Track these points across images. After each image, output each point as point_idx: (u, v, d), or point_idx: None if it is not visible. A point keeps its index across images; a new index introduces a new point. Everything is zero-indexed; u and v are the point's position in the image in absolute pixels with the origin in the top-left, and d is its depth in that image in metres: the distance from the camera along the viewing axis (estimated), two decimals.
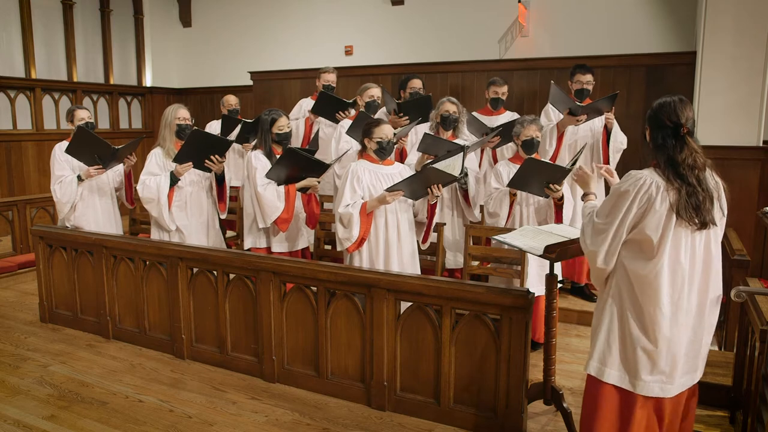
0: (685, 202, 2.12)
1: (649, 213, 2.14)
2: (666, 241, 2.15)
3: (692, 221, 2.13)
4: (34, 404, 3.39)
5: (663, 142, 2.18)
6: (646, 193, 2.14)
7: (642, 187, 2.14)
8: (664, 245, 2.15)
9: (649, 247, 2.17)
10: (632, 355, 2.23)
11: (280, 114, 4.11)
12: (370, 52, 7.93)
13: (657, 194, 2.13)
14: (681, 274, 2.17)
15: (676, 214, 2.12)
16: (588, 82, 4.82)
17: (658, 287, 2.16)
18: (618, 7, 6.44)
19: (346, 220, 3.59)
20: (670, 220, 2.13)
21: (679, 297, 2.18)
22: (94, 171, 4.46)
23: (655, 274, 2.16)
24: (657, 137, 2.20)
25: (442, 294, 3.06)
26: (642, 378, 2.22)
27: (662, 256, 2.15)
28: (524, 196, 3.96)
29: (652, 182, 2.14)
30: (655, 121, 2.22)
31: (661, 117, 2.19)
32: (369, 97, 4.91)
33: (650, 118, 2.25)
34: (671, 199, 2.12)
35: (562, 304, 4.51)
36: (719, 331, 4.20)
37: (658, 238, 2.15)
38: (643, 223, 2.15)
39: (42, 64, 8.21)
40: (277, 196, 3.95)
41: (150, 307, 4.17)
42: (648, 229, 2.15)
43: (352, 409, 3.32)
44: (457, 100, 4.37)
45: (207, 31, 9.48)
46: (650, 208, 2.13)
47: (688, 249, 2.17)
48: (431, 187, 3.58)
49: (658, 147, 2.19)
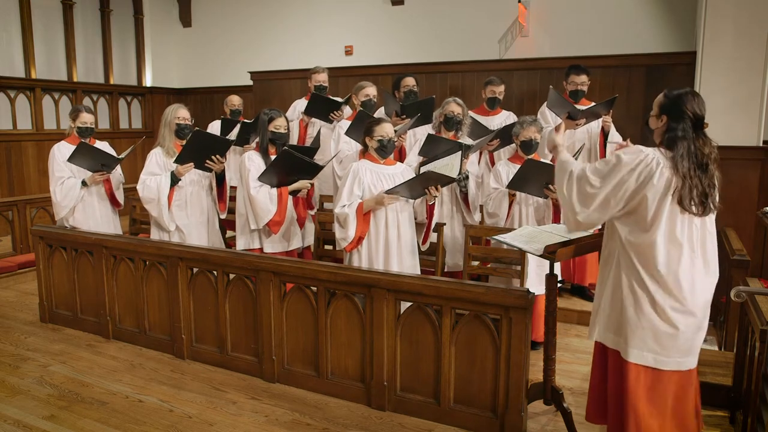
0: (694, 190, 2.16)
1: (647, 186, 2.18)
2: (661, 215, 2.20)
3: (695, 211, 2.18)
4: (34, 404, 3.39)
5: (684, 133, 2.20)
6: (647, 167, 2.18)
7: (644, 160, 2.18)
8: (659, 219, 2.20)
9: (643, 219, 2.23)
10: (628, 322, 2.29)
11: (279, 114, 4.12)
12: (370, 52, 7.93)
13: (656, 169, 2.17)
14: (677, 246, 2.21)
15: (678, 203, 2.17)
16: (583, 83, 4.82)
17: (654, 257, 2.21)
18: (618, 7, 6.44)
19: (342, 220, 3.60)
20: (665, 198, 2.18)
21: (677, 270, 2.21)
22: (99, 177, 4.50)
23: (650, 244, 2.22)
24: (676, 128, 2.21)
25: (442, 294, 3.06)
26: (635, 347, 2.27)
27: (657, 229, 2.20)
28: (523, 197, 3.96)
29: (654, 158, 2.18)
30: (676, 112, 2.22)
31: (683, 108, 2.21)
32: (364, 96, 4.85)
33: (669, 107, 2.25)
34: (671, 179, 2.17)
35: (562, 304, 4.50)
36: (719, 331, 4.20)
37: (653, 212, 2.20)
38: (639, 196, 2.20)
39: (42, 64, 8.21)
40: (269, 198, 3.96)
41: (150, 307, 4.17)
42: (644, 202, 2.20)
43: (352, 409, 3.32)
44: (462, 102, 4.36)
45: (207, 31, 9.48)
46: (648, 182, 2.18)
47: (685, 227, 2.22)
48: (429, 188, 3.58)
49: (677, 138, 2.20)
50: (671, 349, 2.25)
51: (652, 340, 2.26)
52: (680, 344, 2.25)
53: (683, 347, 2.26)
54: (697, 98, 2.22)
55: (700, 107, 2.22)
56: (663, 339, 2.25)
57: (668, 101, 2.26)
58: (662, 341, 2.25)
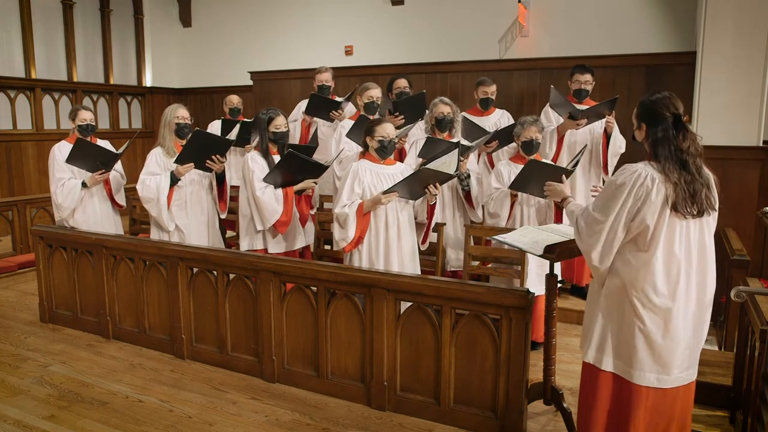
0: (683, 192, 2.14)
1: (645, 205, 2.17)
2: (660, 232, 2.18)
3: (689, 212, 2.16)
4: (34, 404, 3.39)
5: (664, 134, 2.20)
6: (642, 186, 2.17)
7: (638, 179, 2.18)
8: (658, 236, 2.18)
9: (643, 239, 2.21)
10: (629, 345, 2.26)
11: (278, 113, 4.11)
12: (370, 52, 7.93)
13: (653, 186, 2.16)
14: (676, 264, 2.20)
15: (672, 208, 2.15)
16: (587, 82, 4.82)
17: (653, 276, 2.20)
18: (618, 8, 6.44)
19: (342, 220, 3.60)
20: (664, 212, 2.17)
21: (675, 288, 2.20)
22: (99, 177, 4.49)
23: (648, 264, 2.20)
24: (656, 131, 2.22)
25: (442, 294, 3.06)
26: (638, 368, 2.25)
27: (656, 247, 2.19)
28: (525, 197, 3.96)
29: (647, 175, 2.17)
30: (653, 116, 2.23)
31: (659, 110, 2.22)
32: (368, 98, 4.83)
33: (645, 114, 2.26)
34: (667, 191, 2.15)
35: (562, 304, 4.50)
36: (719, 331, 4.20)
37: (652, 229, 2.18)
38: (639, 216, 2.18)
39: (42, 64, 8.21)
40: (275, 199, 3.96)
41: (150, 307, 4.17)
42: (643, 221, 2.18)
43: (352, 409, 3.32)
44: (450, 100, 4.35)
45: (207, 31, 9.48)
46: (646, 200, 2.16)
47: (683, 239, 2.21)
48: (428, 186, 3.58)
49: (658, 141, 2.21)
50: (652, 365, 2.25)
51: (650, 359, 2.24)
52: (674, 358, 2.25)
53: (678, 361, 2.25)
54: (668, 97, 2.23)
55: (674, 104, 2.21)
56: (658, 356, 2.24)
57: (642, 109, 2.28)
58: (659, 359, 2.24)
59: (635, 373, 2.26)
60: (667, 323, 2.21)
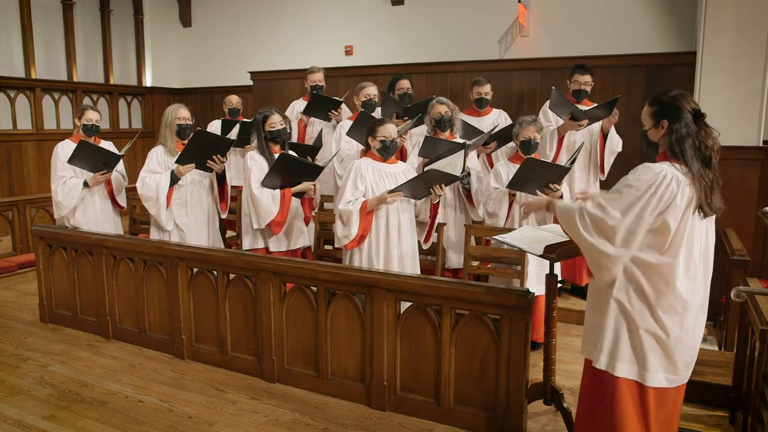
0: (707, 191, 2.10)
1: (668, 208, 2.10)
2: (682, 234, 2.12)
3: (709, 211, 2.14)
4: (34, 404, 3.39)
5: (688, 130, 2.15)
6: (668, 188, 2.09)
7: (663, 182, 2.09)
8: (679, 240, 2.13)
9: (662, 241, 2.13)
10: (643, 348, 2.20)
11: (272, 111, 4.13)
12: (370, 52, 7.92)
13: (678, 189, 2.09)
14: (693, 265, 2.17)
15: (699, 209, 2.11)
16: (586, 82, 4.82)
17: (674, 280, 2.14)
18: (618, 7, 6.43)
19: (346, 218, 3.59)
20: (686, 215, 2.12)
21: (693, 289, 2.17)
22: (101, 177, 4.49)
23: (671, 268, 2.14)
24: (679, 127, 2.15)
25: (442, 294, 3.06)
26: (652, 371, 2.20)
27: (678, 251, 2.13)
28: (523, 196, 3.96)
29: (672, 177, 2.10)
30: (676, 112, 2.17)
31: (682, 105, 2.17)
32: (365, 96, 4.85)
33: (666, 111, 2.19)
34: (691, 194, 2.11)
35: (562, 304, 4.51)
36: (719, 331, 4.20)
37: (673, 232, 2.12)
38: (661, 218, 2.11)
39: (42, 64, 8.20)
40: (272, 199, 3.96)
41: (150, 307, 4.17)
42: (665, 224, 2.11)
43: (352, 409, 3.32)
44: (446, 99, 4.34)
45: (207, 31, 9.48)
46: (671, 203, 2.10)
47: (702, 241, 2.18)
48: (433, 187, 3.58)
49: (683, 137, 2.14)
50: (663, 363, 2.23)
51: (663, 359, 2.22)
52: (680, 356, 2.24)
53: (684, 360, 2.25)
54: (684, 94, 2.20)
55: (693, 101, 2.20)
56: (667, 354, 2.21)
57: (662, 106, 2.20)
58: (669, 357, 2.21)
59: (649, 375, 2.21)
60: (683, 324, 2.18)
